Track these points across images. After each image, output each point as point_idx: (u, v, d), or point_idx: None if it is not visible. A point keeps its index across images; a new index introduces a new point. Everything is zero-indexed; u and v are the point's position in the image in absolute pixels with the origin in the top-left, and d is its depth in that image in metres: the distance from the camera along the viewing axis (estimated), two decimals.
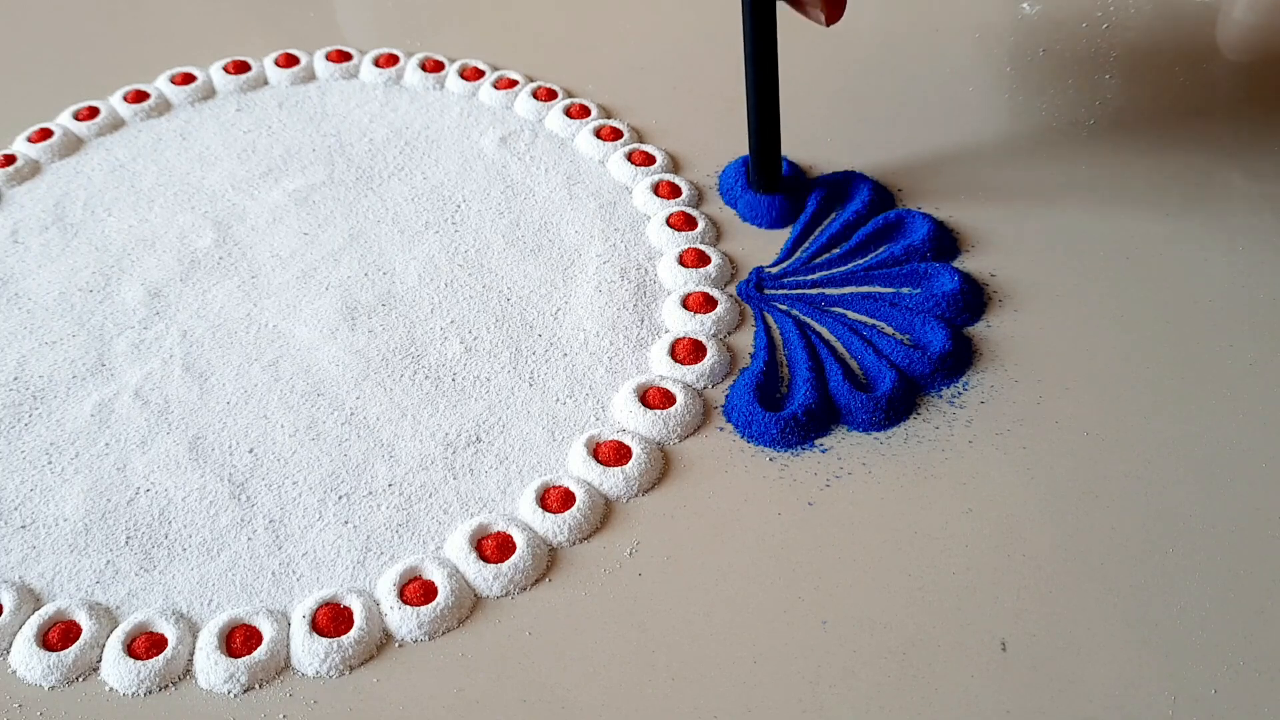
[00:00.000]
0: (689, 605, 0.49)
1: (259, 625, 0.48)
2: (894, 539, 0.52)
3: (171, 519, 0.53)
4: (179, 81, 0.80)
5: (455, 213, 0.70)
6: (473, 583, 0.50)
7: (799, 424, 0.56)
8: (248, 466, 0.55)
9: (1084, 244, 0.66)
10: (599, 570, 0.51)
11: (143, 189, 0.72)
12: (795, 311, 0.63)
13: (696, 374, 0.59)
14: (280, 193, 0.72)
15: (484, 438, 0.57)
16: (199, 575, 0.51)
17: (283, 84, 0.81)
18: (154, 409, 0.58)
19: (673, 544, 0.52)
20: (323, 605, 0.49)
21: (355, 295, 0.64)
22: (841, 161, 0.72)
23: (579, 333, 0.62)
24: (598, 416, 0.58)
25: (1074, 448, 0.55)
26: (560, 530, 0.52)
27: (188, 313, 0.63)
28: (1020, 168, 0.73)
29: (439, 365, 0.60)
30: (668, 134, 0.76)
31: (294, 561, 0.51)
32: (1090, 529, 0.52)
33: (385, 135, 0.76)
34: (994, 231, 0.67)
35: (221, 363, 0.61)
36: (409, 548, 0.52)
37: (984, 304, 0.63)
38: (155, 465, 0.55)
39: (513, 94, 0.79)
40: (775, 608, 0.49)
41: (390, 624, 0.49)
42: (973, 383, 0.59)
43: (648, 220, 0.69)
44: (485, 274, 0.66)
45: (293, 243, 0.68)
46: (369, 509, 0.53)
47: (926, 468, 0.55)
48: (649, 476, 0.54)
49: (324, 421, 0.57)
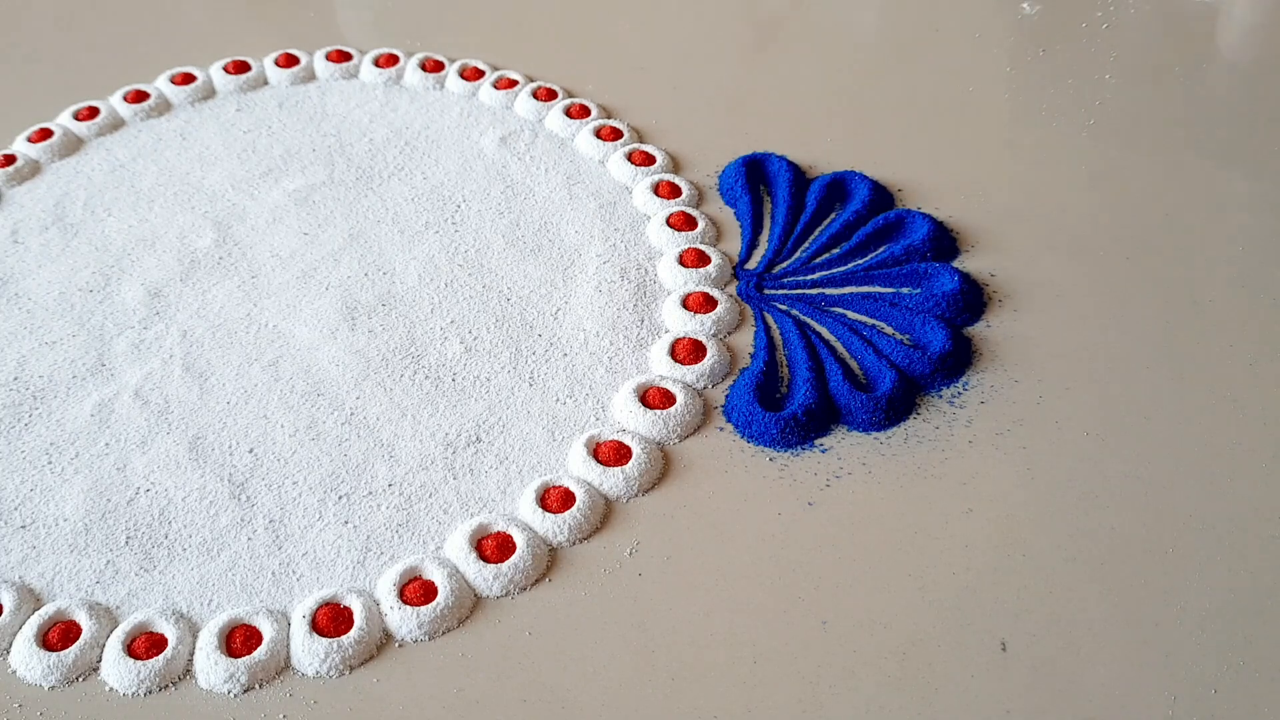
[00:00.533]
0: (689, 605, 0.49)
1: (259, 625, 0.48)
2: (894, 539, 0.51)
3: (171, 519, 0.53)
4: (179, 81, 0.80)
5: (455, 213, 0.70)
6: (473, 583, 0.50)
7: (799, 424, 0.56)
8: (248, 466, 0.55)
9: (1084, 244, 0.66)
10: (599, 570, 0.51)
11: (143, 189, 0.72)
12: (795, 311, 0.63)
13: (696, 374, 0.59)
14: (280, 193, 0.72)
15: (484, 438, 0.57)
16: (199, 575, 0.51)
17: (283, 84, 0.81)
18: (154, 409, 0.58)
19: (673, 544, 0.52)
20: (323, 605, 0.49)
21: (355, 295, 0.64)
22: (841, 161, 0.72)
23: (579, 333, 0.62)
24: (598, 416, 0.58)
25: (1074, 448, 0.55)
26: (560, 530, 0.52)
27: (188, 313, 0.63)
28: (1020, 168, 0.73)
29: (439, 365, 0.60)
30: (668, 134, 0.76)
31: (294, 561, 0.51)
32: (1090, 529, 0.52)
33: (385, 135, 0.76)
34: (994, 231, 0.67)
35: (221, 363, 0.61)
36: (409, 548, 0.52)
37: (984, 304, 0.63)
38: (155, 465, 0.55)
39: (513, 94, 0.79)
40: (775, 608, 0.49)
41: (390, 624, 0.49)
42: (973, 383, 0.59)
43: (648, 220, 0.69)
44: (485, 274, 0.66)
45: (293, 243, 0.68)
46: (369, 509, 0.53)
47: (926, 468, 0.55)
48: (649, 476, 0.54)
49: (324, 421, 0.57)
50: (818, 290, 0.64)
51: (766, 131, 0.75)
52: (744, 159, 0.71)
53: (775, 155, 0.72)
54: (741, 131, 0.68)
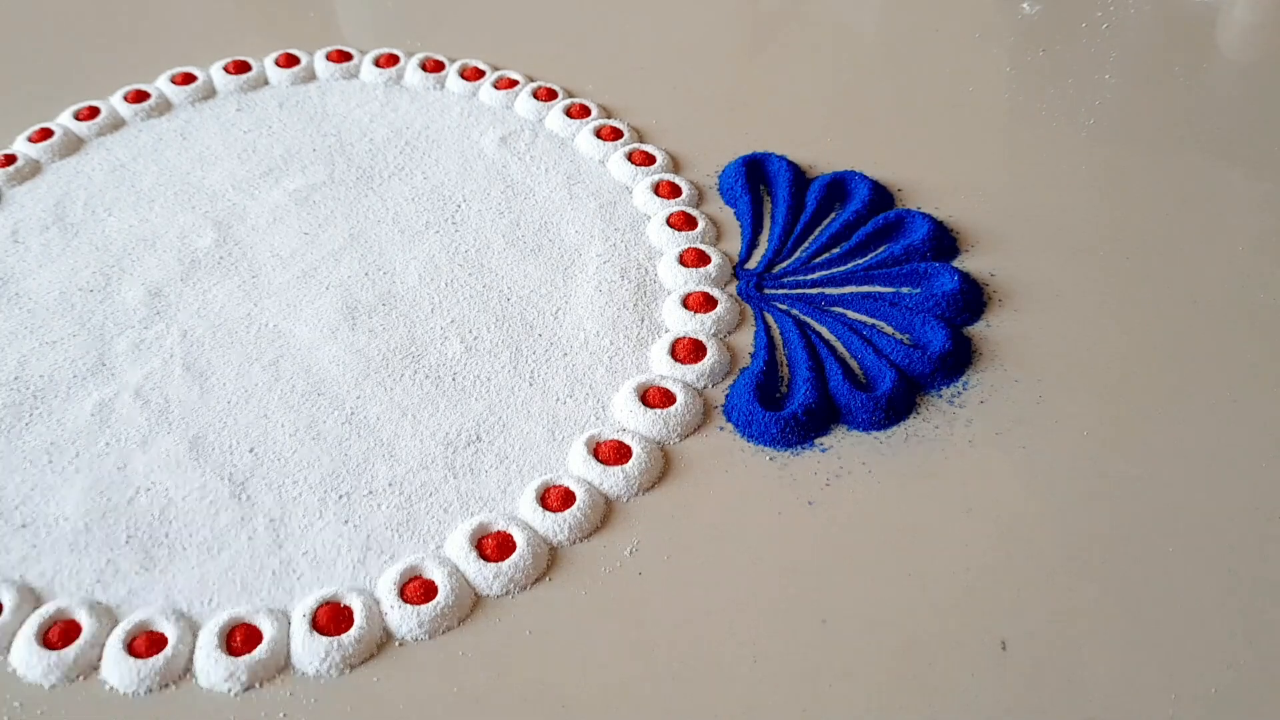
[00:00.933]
0: (689, 604, 0.49)
1: (259, 624, 0.48)
2: (894, 538, 0.52)
3: (172, 518, 0.53)
4: (179, 81, 0.80)
5: (455, 212, 0.70)
6: (473, 582, 0.50)
7: (799, 423, 0.56)
8: (248, 466, 0.55)
9: (1084, 244, 0.66)
10: (599, 569, 0.51)
11: (143, 189, 0.72)
12: (795, 311, 0.63)
13: (696, 373, 0.59)
14: (281, 192, 0.72)
15: (484, 437, 0.57)
16: (199, 574, 0.51)
17: (283, 84, 0.81)
18: (154, 408, 0.58)
19: (673, 543, 0.52)
20: (323, 604, 0.49)
21: (355, 295, 0.64)
22: (841, 161, 0.72)
23: (579, 332, 0.62)
24: (598, 416, 0.58)
25: (1074, 447, 0.55)
26: (560, 529, 0.52)
27: (188, 312, 0.63)
28: (1020, 168, 0.73)
29: (439, 365, 0.60)
30: (668, 134, 0.76)
31: (294, 560, 0.51)
32: (1090, 529, 0.52)
33: (385, 135, 0.76)
34: (994, 231, 0.67)
35: (222, 362, 0.61)
36: (409, 547, 0.52)
37: (984, 303, 0.63)
38: (156, 464, 0.55)
39: (513, 94, 0.79)
40: (775, 607, 0.49)
41: (390, 623, 0.49)
42: (973, 382, 0.59)
43: (648, 220, 0.69)
44: (485, 274, 0.66)
45: (293, 242, 0.68)
46: (369, 508, 0.53)
47: (926, 467, 0.55)
48: (649, 476, 0.54)
49: (324, 421, 0.57)
50: (818, 290, 0.64)
51: (766, 131, 0.75)
52: (744, 159, 0.71)
53: (775, 155, 0.72)
54: (741, 131, 0.68)
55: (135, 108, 0.78)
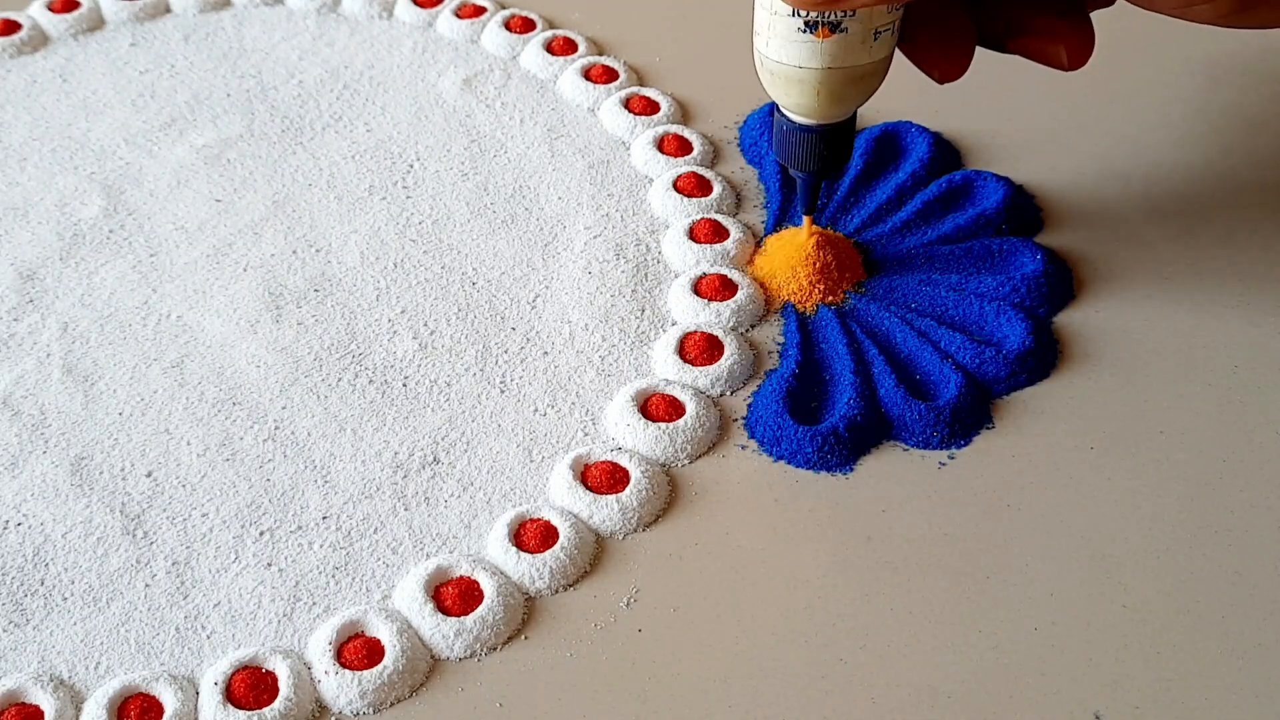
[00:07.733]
0: (700, 669, 0.49)
1: (159, 695, 0.48)
2: (961, 585, 0.52)
3: (49, 560, 0.53)
4: (57, 9, 0.80)
5: (407, 174, 0.70)
6: (429, 641, 0.50)
7: (840, 440, 0.56)
8: (145, 494, 0.55)
9: (1200, 213, 0.66)
10: (588, 625, 0.51)
11: (11, 144, 0.72)
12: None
13: (711, 377, 0.59)
14: (186, 149, 0.72)
15: (443, 458, 0.57)
16: (83, 631, 0.51)
17: (189, 11, 0.81)
18: (26, 421, 0.58)
19: (681, 592, 0.52)
20: (239, 669, 0.49)
21: (281, 279, 0.64)
22: (895, 110, 0.72)
23: (563, 325, 0.62)
24: (586, 431, 0.58)
25: (1189, 472, 0.55)
26: (539, 575, 0.52)
27: (69, 300, 0.63)
28: (1120, 118, 0.73)
29: (386, 367, 0.60)
30: (674, 76, 0.76)
31: (203, 614, 0.51)
32: (1210, 572, 0.52)
33: (319, 77, 0.76)
34: (1086, 199, 0.67)
35: (112, 364, 0.61)
36: (348, 597, 0.52)
37: (1073, 290, 0.63)
38: (28, 492, 0.55)
39: (479, 24, 0.79)
40: (810, 673, 0.49)
41: (324, 693, 0.49)
42: (1058, 387, 0.59)
43: (650, 184, 0.69)
44: (445, 252, 0.66)
45: (202, 212, 0.68)
46: (298, 548, 0.53)
47: (1002, 495, 0.55)
48: (651, 507, 0.54)
49: (241, 438, 0.57)
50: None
51: None
52: (770, 106, 0.71)
53: None
54: None
55: (2, 41, 0.78)
